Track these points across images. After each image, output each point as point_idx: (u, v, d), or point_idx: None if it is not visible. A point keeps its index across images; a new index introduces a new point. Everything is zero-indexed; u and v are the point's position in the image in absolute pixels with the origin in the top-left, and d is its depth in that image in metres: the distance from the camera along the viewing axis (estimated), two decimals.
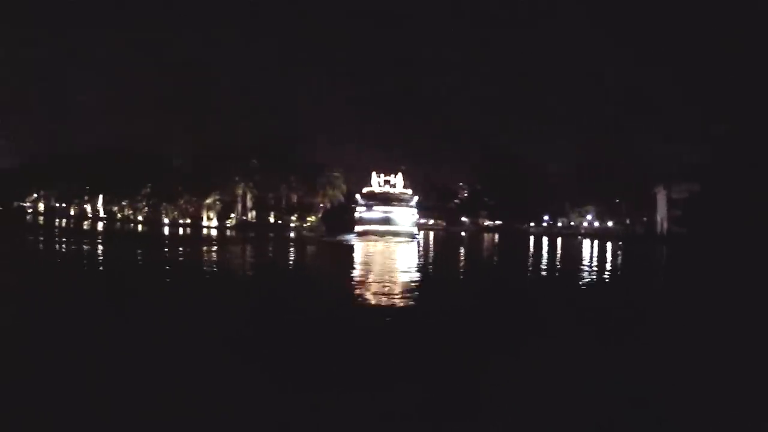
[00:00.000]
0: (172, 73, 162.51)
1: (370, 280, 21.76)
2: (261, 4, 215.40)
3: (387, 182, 72.77)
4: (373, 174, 74.63)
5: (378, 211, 65.95)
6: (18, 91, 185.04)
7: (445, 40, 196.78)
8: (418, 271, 27.19)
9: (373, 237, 59.10)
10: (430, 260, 36.63)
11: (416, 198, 71.89)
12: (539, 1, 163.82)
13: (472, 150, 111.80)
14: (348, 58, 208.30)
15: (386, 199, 67.99)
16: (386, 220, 64.86)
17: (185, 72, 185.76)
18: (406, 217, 66.93)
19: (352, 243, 52.70)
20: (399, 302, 15.39)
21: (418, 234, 68.58)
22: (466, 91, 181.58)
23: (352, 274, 24.83)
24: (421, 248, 47.35)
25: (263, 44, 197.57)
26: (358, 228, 64.99)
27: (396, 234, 61.34)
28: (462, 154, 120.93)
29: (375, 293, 17.48)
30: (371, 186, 74.09)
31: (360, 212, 67.49)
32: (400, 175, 74.49)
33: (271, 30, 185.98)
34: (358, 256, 37.26)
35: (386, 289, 18.55)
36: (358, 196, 71.63)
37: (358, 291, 18.38)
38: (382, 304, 15.18)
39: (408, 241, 56.83)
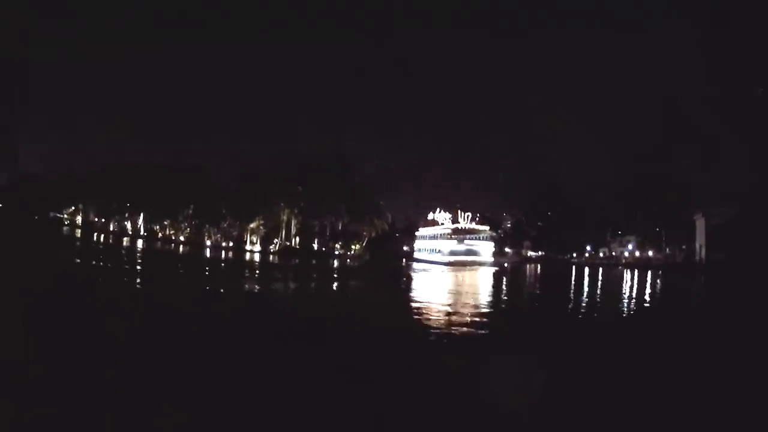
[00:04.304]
0: (196, 85, 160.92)
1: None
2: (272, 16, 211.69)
3: (474, 219, 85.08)
4: (438, 210, 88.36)
5: (464, 245, 77.84)
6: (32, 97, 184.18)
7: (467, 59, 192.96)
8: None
9: (464, 266, 67.67)
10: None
11: (492, 233, 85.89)
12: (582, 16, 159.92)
13: (517, 180, 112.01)
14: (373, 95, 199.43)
15: (470, 234, 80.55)
16: (471, 252, 76.55)
17: (212, 83, 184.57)
18: (486, 249, 79.35)
19: (470, 271, 59.09)
20: None
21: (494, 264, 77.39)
22: (506, 119, 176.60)
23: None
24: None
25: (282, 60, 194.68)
26: (449, 258, 74.55)
27: (480, 264, 71.11)
28: (507, 184, 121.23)
29: None
30: (430, 218, 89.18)
31: (450, 245, 78.40)
32: (462, 213, 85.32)
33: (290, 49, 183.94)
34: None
35: None
36: (443, 228, 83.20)
37: None
38: None
39: (491, 270, 63.48)
